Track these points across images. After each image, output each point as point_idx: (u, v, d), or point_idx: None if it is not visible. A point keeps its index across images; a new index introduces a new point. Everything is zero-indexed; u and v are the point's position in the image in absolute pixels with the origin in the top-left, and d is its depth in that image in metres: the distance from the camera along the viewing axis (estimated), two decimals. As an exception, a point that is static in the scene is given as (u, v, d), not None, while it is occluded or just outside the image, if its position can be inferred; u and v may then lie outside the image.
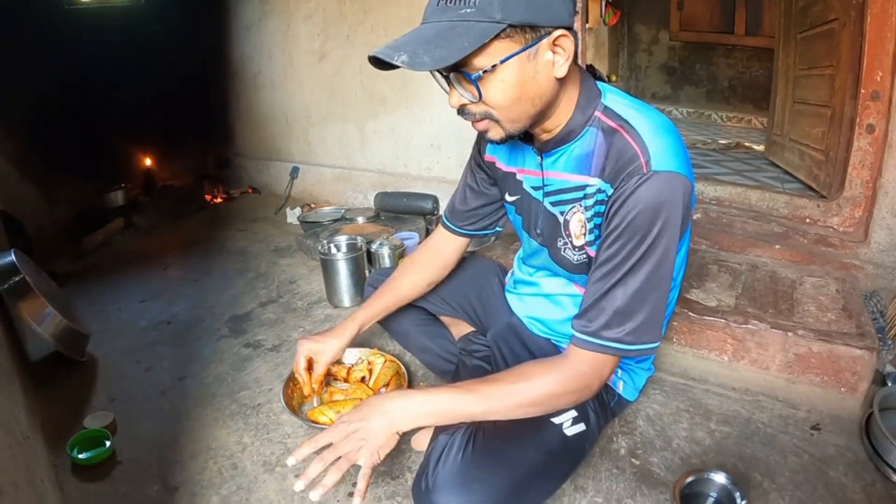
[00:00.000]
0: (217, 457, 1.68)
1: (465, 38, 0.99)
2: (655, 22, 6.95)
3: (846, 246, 2.39)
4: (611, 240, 1.13)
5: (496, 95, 1.07)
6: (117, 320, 2.56)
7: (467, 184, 1.63)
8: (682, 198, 1.10)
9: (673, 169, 1.09)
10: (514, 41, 1.02)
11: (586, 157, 1.23)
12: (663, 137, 1.13)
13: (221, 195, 4.52)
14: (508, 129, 1.14)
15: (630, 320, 1.12)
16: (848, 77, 2.44)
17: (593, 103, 1.22)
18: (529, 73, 1.07)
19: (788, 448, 1.65)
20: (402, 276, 1.72)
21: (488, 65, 1.02)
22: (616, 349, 1.14)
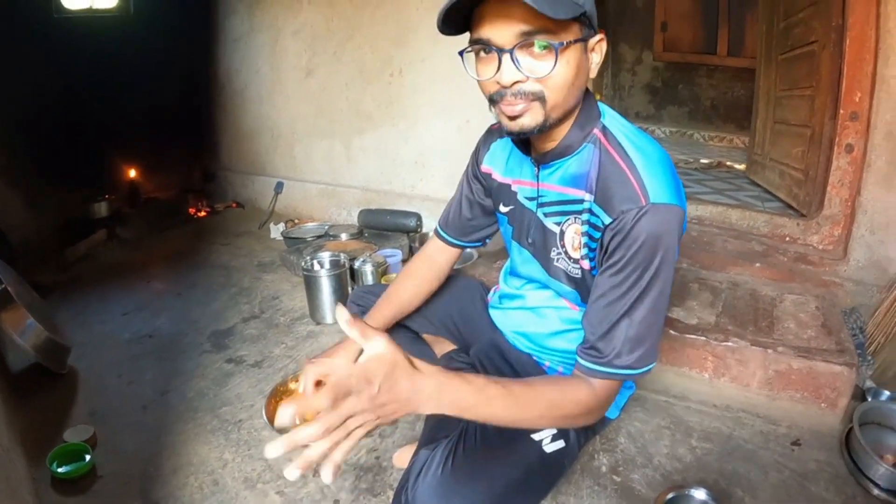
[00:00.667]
0: (198, 472, 1.67)
1: (565, 4, 1.00)
2: (639, 42, 7.03)
3: (826, 263, 2.42)
4: (613, 271, 1.14)
5: (561, 72, 1.07)
6: (99, 333, 2.54)
7: (463, 195, 1.64)
8: (677, 227, 1.13)
9: (669, 201, 1.11)
10: (580, 29, 1.07)
11: (584, 175, 1.24)
12: (659, 168, 1.15)
13: (206, 209, 4.50)
14: (549, 114, 1.13)
15: (640, 347, 1.14)
16: (827, 98, 2.48)
17: (593, 122, 1.24)
18: (583, 63, 1.11)
19: (769, 464, 1.66)
20: (401, 287, 1.71)
21: (565, 40, 1.04)
22: (626, 375, 1.15)
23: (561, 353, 1.50)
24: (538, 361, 1.58)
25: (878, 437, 1.72)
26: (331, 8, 3.63)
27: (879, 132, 2.24)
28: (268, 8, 3.99)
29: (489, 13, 1.04)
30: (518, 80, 1.07)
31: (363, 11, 3.48)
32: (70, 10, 3.70)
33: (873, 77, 2.22)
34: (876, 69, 2.21)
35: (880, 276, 2.31)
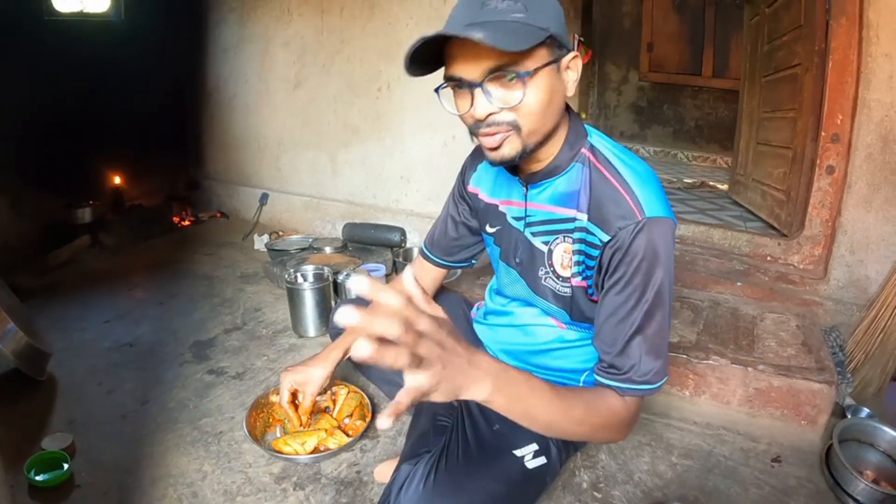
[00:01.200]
0: (177, 484, 1.65)
1: (523, 36, 1.01)
2: (626, 62, 7.10)
3: (806, 283, 2.44)
4: (618, 289, 1.15)
5: (532, 100, 1.09)
6: (80, 340, 2.50)
7: (449, 215, 1.64)
8: (672, 239, 1.15)
9: (662, 214, 1.13)
10: (550, 52, 1.08)
11: (574, 193, 1.25)
12: (649, 184, 1.17)
13: (190, 218, 4.47)
14: (526, 142, 1.14)
15: (657, 360, 1.15)
16: (809, 120, 2.52)
17: (581, 141, 1.25)
18: (557, 85, 1.12)
19: (749, 480, 1.66)
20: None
21: (532, 67, 1.05)
22: (647, 390, 1.16)
23: (547, 370, 1.50)
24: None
25: (858, 454, 1.74)
26: (321, 20, 3.65)
27: (860, 154, 2.27)
28: (258, 18, 4.00)
29: (457, 52, 1.07)
30: (491, 112, 1.10)
31: (353, 25, 3.50)
32: (61, 13, 3.67)
33: (855, 100, 2.26)
34: (858, 92, 2.25)
35: (860, 295, 2.34)
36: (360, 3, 3.44)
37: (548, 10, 1.06)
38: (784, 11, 3.03)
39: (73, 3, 3.75)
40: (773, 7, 3.23)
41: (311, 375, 1.62)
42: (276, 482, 1.65)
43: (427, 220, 3.32)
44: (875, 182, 2.26)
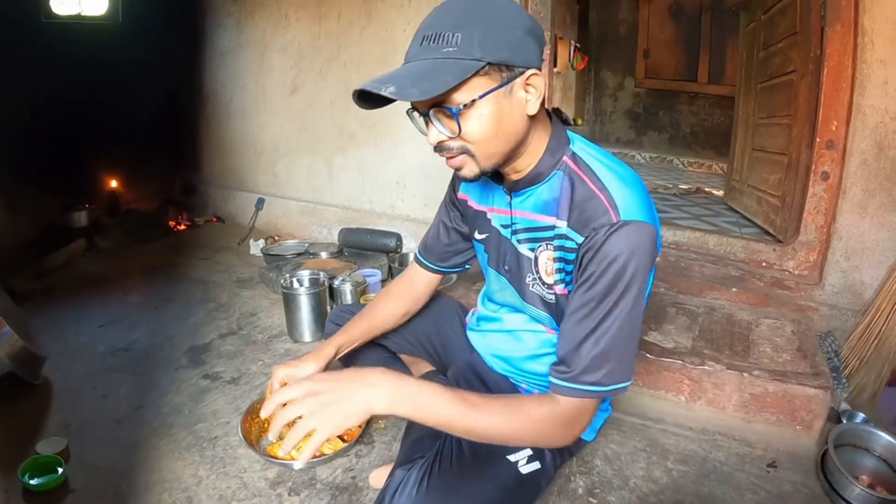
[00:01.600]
0: (172, 489, 1.64)
1: (448, 73, 1.03)
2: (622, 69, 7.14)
3: (801, 288, 2.45)
4: (585, 288, 1.15)
5: (474, 129, 1.11)
6: (75, 344, 2.50)
7: (441, 221, 1.65)
8: (649, 245, 1.14)
9: (640, 218, 1.13)
10: (491, 78, 1.07)
11: (554, 201, 1.26)
12: (629, 188, 1.17)
13: (186, 222, 4.47)
14: (483, 164, 1.17)
15: (607, 364, 1.14)
16: (805, 126, 2.53)
17: (562, 149, 1.26)
18: (505, 109, 1.11)
19: (745, 485, 1.66)
20: (378, 306, 1.71)
21: (468, 99, 1.07)
22: (595, 392, 1.15)
23: (537, 375, 1.50)
24: (515, 384, 1.58)
25: (854, 459, 1.75)
26: (318, 26, 3.65)
27: (855, 160, 2.28)
28: (256, 23, 4.00)
29: None
30: (441, 140, 1.14)
31: (350, 31, 3.51)
32: (59, 16, 3.67)
33: (850, 106, 2.26)
34: (852, 99, 2.25)
35: (855, 300, 2.35)
36: (358, 8, 3.45)
37: (488, 37, 1.06)
38: (779, 18, 3.04)
39: (71, 6, 3.74)
40: (769, 14, 3.25)
41: (303, 370, 1.61)
42: (272, 487, 1.64)
43: (423, 226, 3.31)
44: (870, 188, 2.27)
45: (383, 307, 1.71)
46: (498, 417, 1.12)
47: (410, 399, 1.05)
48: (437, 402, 1.07)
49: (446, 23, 1.06)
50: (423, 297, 1.76)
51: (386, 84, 1.03)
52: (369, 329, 1.69)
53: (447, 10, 1.09)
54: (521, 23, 1.09)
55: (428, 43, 1.07)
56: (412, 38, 1.12)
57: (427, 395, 1.07)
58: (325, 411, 0.98)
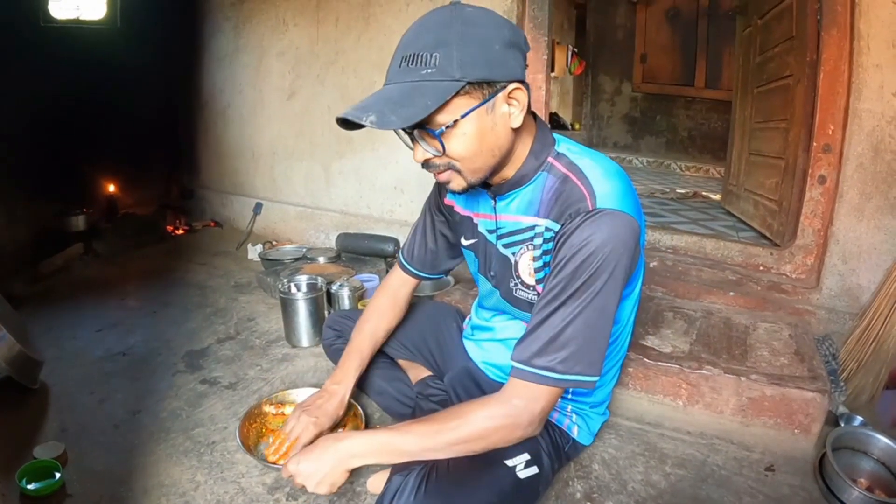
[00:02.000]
0: (170, 494, 1.63)
1: (427, 97, 1.05)
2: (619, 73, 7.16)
3: (798, 292, 2.45)
4: (554, 273, 1.17)
5: (458, 148, 1.13)
6: (72, 348, 2.48)
7: (426, 226, 1.66)
8: (627, 236, 1.14)
9: (618, 208, 1.14)
10: (472, 97, 1.09)
11: (536, 200, 1.28)
12: (611, 180, 1.18)
13: (183, 227, 4.46)
14: (469, 179, 1.20)
15: (562, 349, 1.14)
16: (801, 130, 2.53)
17: (547, 150, 1.28)
18: (488, 125, 1.13)
19: (743, 489, 1.66)
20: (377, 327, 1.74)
21: (450, 120, 1.08)
22: (546, 377, 1.15)
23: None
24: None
25: (852, 462, 1.74)
26: (316, 31, 3.66)
27: (851, 164, 2.29)
28: (254, 28, 4.01)
29: None
30: (426, 158, 1.17)
31: (348, 36, 3.51)
32: (57, 20, 3.68)
33: (846, 110, 2.27)
34: (849, 103, 2.26)
35: (852, 303, 2.35)
36: (356, 14, 3.46)
37: (467, 55, 1.06)
38: (776, 23, 3.05)
39: (70, 11, 3.75)
40: (765, 19, 3.26)
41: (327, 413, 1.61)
42: (269, 492, 1.64)
43: (421, 230, 3.32)
44: (866, 191, 2.28)
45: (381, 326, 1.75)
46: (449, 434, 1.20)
47: (371, 451, 1.25)
48: (389, 444, 1.23)
49: (425, 42, 1.08)
50: (406, 304, 1.80)
51: (367, 113, 1.05)
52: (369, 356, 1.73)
53: (425, 26, 1.12)
54: (500, 36, 1.10)
55: (406, 64, 1.09)
56: (392, 56, 1.14)
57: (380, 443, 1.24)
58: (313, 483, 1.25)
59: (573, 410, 1.57)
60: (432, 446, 1.20)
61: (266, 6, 3.89)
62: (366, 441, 1.25)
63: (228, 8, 4.12)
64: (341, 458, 1.24)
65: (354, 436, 1.28)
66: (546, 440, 1.44)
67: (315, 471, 1.24)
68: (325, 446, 1.27)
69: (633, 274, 1.25)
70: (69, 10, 3.75)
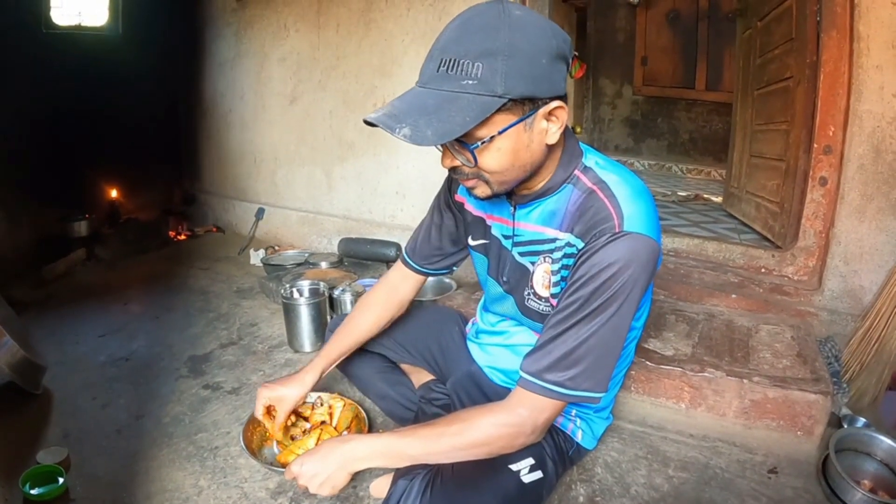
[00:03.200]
0: (173, 499, 1.64)
1: (467, 112, 1.00)
2: (619, 76, 7.15)
3: (801, 294, 2.45)
4: (572, 289, 1.15)
5: (491, 163, 1.10)
6: (75, 354, 2.49)
7: (433, 223, 1.64)
8: (648, 260, 1.13)
9: (644, 232, 1.13)
10: (512, 113, 1.05)
11: (558, 212, 1.26)
12: (638, 202, 1.17)
13: (185, 232, 4.47)
14: (496, 189, 1.18)
15: (574, 367, 1.14)
16: (802, 132, 2.53)
17: (574, 162, 1.26)
18: (524, 141, 1.10)
19: (746, 492, 1.66)
20: (358, 318, 1.71)
21: (487, 136, 1.05)
22: (554, 392, 1.15)
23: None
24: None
25: (855, 464, 1.74)
26: (317, 37, 3.67)
27: (852, 165, 2.29)
28: (255, 34, 4.02)
29: None
30: (454, 165, 1.14)
31: (349, 41, 3.52)
32: (59, 26, 3.69)
33: (846, 112, 2.27)
34: (849, 104, 2.26)
35: (854, 305, 2.35)
36: (357, 19, 3.46)
37: (513, 69, 1.01)
38: (776, 25, 3.05)
39: (72, 17, 3.78)
40: (765, 21, 3.26)
41: (285, 395, 1.61)
42: (272, 497, 1.64)
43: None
44: (868, 192, 2.28)
45: (364, 319, 1.71)
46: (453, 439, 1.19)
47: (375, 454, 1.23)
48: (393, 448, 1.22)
49: (468, 48, 1.01)
50: (408, 301, 1.76)
51: (400, 124, 1.01)
52: (351, 346, 1.70)
53: (470, 28, 1.03)
54: (549, 47, 1.05)
55: (446, 70, 1.02)
56: (429, 53, 1.07)
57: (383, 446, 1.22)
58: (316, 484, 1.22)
59: (577, 415, 1.56)
60: (435, 450, 1.20)
61: (267, 12, 3.90)
62: (370, 444, 1.23)
63: (230, 14, 4.13)
64: (345, 460, 1.22)
65: (358, 439, 1.26)
66: (550, 445, 1.44)
67: (318, 472, 1.22)
68: (330, 448, 1.26)
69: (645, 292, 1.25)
70: (71, 17, 3.77)
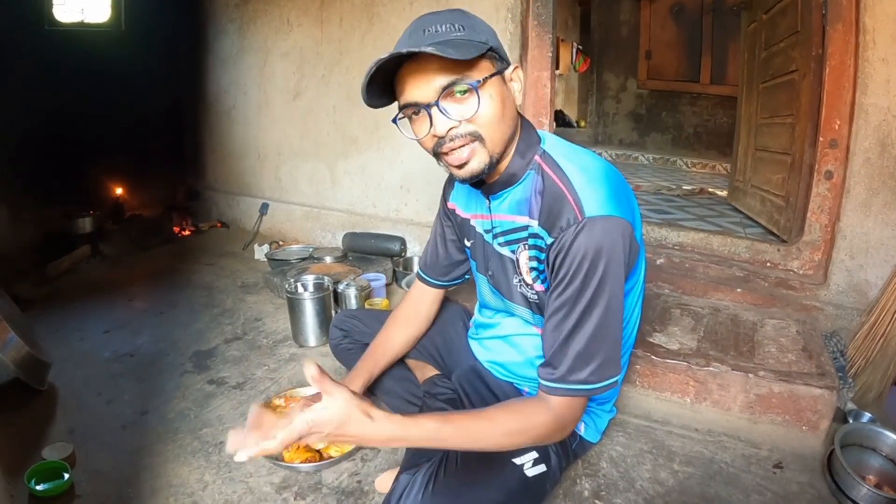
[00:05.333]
0: (178, 494, 1.64)
1: (466, 49, 1.08)
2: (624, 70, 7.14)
3: (806, 288, 2.44)
4: (560, 289, 1.18)
5: (487, 108, 1.14)
6: (79, 350, 2.50)
7: (437, 234, 1.67)
8: (620, 238, 1.15)
9: (607, 213, 1.14)
10: (493, 64, 1.15)
11: (526, 200, 1.29)
12: (596, 183, 1.19)
13: (190, 228, 4.47)
14: (492, 150, 1.19)
15: (592, 361, 1.16)
16: (807, 125, 2.52)
17: (533, 148, 1.29)
18: (506, 93, 1.19)
19: (751, 487, 1.66)
20: (394, 337, 1.72)
21: (480, 77, 1.13)
22: (584, 390, 1.17)
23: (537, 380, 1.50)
24: (518, 387, 1.58)
25: (860, 459, 1.74)
26: (320, 31, 3.66)
27: (858, 159, 2.28)
28: (258, 29, 4.02)
29: (407, 78, 1.15)
30: (451, 127, 1.15)
31: (352, 36, 3.51)
32: (61, 23, 3.69)
33: (852, 105, 2.26)
34: (855, 97, 2.25)
35: (860, 299, 2.34)
36: (360, 13, 3.46)
37: (483, 29, 1.17)
38: (781, 18, 3.04)
39: (74, 14, 3.77)
40: (770, 14, 3.24)
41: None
42: (278, 492, 1.64)
43: (426, 230, 3.32)
44: (873, 186, 2.27)
45: (398, 336, 1.73)
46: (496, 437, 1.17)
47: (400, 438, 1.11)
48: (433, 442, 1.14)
49: (442, 21, 1.15)
50: (433, 314, 1.78)
51: (417, 47, 1.08)
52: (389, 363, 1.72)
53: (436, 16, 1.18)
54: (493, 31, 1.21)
55: (432, 31, 1.13)
56: (404, 34, 1.19)
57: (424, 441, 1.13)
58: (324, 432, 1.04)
59: (580, 408, 1.56)
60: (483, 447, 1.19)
61: (270, 7, 3.90)
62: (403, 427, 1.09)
63: (232, 9, 4.13)
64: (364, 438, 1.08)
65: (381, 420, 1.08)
66: (553, 438, 1.45)
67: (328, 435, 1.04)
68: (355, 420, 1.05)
69: (633, 268, 1.26)
70: (73, 14, 3.77)
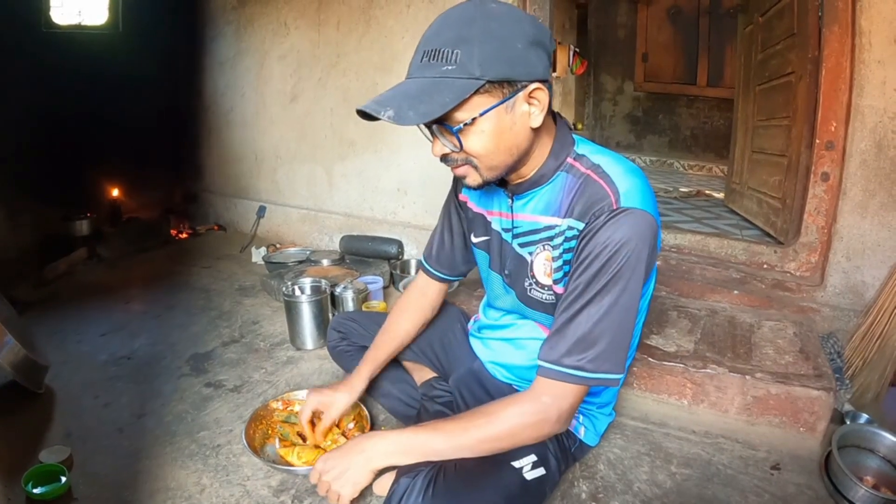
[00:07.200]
0: (175, 497, 1.63)
1: (446, 94, 1.05)
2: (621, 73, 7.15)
3: (803, 290, 2.45)
4: (578, 272, 1.18)
5: (476, 145, 1.13)
6: (77, 353, 2.49)
7: (445, 226, 1.66)
8: (649, 235, 1.15)
9: (641, 207, 1.15)
10: (492, 95, 1.09)
11: (555, 200, 1.28)
12: (632, 178, 1.19)
13: (187, 230, 4.47)
14: (485, 175, 1.20)
15: (591, 348, 1.15)
16: (804, 127, 2.53)
17: (566, 150, 1.28)
18: (507, 124, 1.13)
19: (749, 488, 1.65)
20: (398, 323, 1.74)
21: (468, 118, 1.09)
22: (575, 377, 1.16)
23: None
24: (518, 390, 1.58)
25: (858, 460, 1.74)
26: (317, 34, 3.66)
27: (854, 161, 2.28)
28: (255, 32, 4.02)
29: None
30: (444, 153, 1.18)
31: (349, 38, 3.52)
32: (59, 26, 3.68)
33: (848, 107, 2.27)
34: (851, 99, 2.26)
35: (857, 301, 2.35)
36: (357, 16, 3.46)
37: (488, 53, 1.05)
38: (777, 20, 3.05)
39: (72, 16, 3.77)
40: (767, 16, 3.25)
41: (336, 400, 1.63)
42: (275, 495, 1.64)
43: (424, 232, 3.32)
44: (870, 188, 2.27)
45: (403, 322, 1.74)
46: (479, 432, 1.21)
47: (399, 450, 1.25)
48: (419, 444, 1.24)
49: (446, 38, 1.07)
50: (437, 304, 1.79)
51: (385, 107, 1.06)
52: (396, 349, 1.75)
53: (448, 21, 1.10)
54: (523, 33, 1.08)
55: (428, 60, 1.08)
56: (415, 50, 1.13)
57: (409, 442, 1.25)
58: (345, 487, 1.25)
59: (580, 411, 1.57)
60: (461, 444, 1.22)
61: (267, 10, 3.90)
62: (394, 440, 1.26)
63: (230, 12, 4.13)
64: (368, 457, 1.25)
65: (381, 435, 1.29)
66: (553, 441, 1.44)
67: (340, 469, 1.25)
68: (353, 444, 1.29)
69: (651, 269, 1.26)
70: (71, 16, 3.77)
